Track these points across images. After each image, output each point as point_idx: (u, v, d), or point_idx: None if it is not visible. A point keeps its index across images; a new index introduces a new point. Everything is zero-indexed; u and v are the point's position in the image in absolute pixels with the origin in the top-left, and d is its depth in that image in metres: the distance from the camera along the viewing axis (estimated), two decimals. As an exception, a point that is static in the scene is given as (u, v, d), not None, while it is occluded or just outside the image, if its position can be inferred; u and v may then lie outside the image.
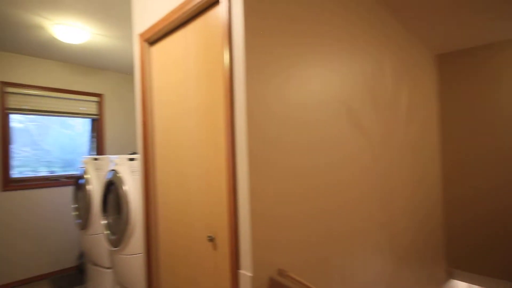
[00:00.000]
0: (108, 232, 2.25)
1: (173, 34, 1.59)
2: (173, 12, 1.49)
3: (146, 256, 1.77)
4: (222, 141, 1.28)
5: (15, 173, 3.22)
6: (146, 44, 1.77)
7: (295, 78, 1.34)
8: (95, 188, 2.55)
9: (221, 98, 1.28)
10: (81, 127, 3.77)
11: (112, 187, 2.29)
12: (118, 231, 2.11)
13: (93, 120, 3.80)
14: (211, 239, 1.34)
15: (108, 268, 2.46)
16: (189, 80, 1.48)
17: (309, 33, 1.42)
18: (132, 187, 2.06)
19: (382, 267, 1.92)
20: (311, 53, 1.43)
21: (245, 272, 1.14)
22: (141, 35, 1.77)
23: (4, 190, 3.04)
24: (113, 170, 2.21)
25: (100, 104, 3.76)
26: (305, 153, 1.38)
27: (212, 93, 1.33)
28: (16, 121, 3.27)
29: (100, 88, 3.75)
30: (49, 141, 3.49)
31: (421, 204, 2.59)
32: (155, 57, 1.75)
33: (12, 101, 3.14)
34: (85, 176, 2.63)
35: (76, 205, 2.85)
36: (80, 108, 3.61)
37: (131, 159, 2.10)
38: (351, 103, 1.70)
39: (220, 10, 1.27)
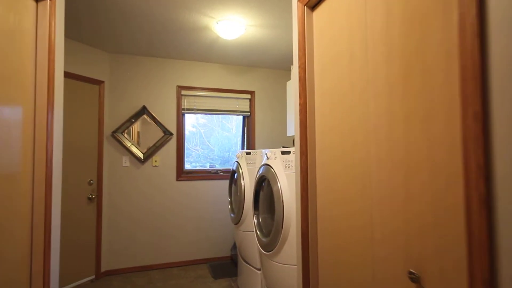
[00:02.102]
0: (259, 232, 2.07)
1: (344, -18, 1.17)
2: None
3: (303, 273, 1.42)
4: (444, 131, 0.75)
5: (188, 166, 3.72)
6: (306, 9, 1.43)
7: None
8: (247, 183, 2.47)
9: (437, 63, 0.75)
10: (235, 128, 4.05)
11: (264, 183, 2.11)
12: (270, 233, 1.88)
13: (244, 117, 3.94)
14: (415, 279, 0.82)
15: (258, 269, 2.31)
16: (369, 46, 1.01)
17: None
18: (286, 185, 1.78)
19: None
20: None
21: None
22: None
23: (178, 180, 3.50)
24: (265, 164, 2.01)
25: (251, 101, 3.85)
26: None
27: (416, 58, 0.82)
28: (190, 125, 3.81)
29: (251, 86, 3.84)
30: (212, 141, 3.91)
31: None
32: (317, 24, 1.38)
33: (185, 102, 3.60)
34: (238, 170, 2.61)
35: (230, 199, 2.90)
36: (236, 105, 3.79)
37: (285, 152, 1.83)
38: None
39: None
